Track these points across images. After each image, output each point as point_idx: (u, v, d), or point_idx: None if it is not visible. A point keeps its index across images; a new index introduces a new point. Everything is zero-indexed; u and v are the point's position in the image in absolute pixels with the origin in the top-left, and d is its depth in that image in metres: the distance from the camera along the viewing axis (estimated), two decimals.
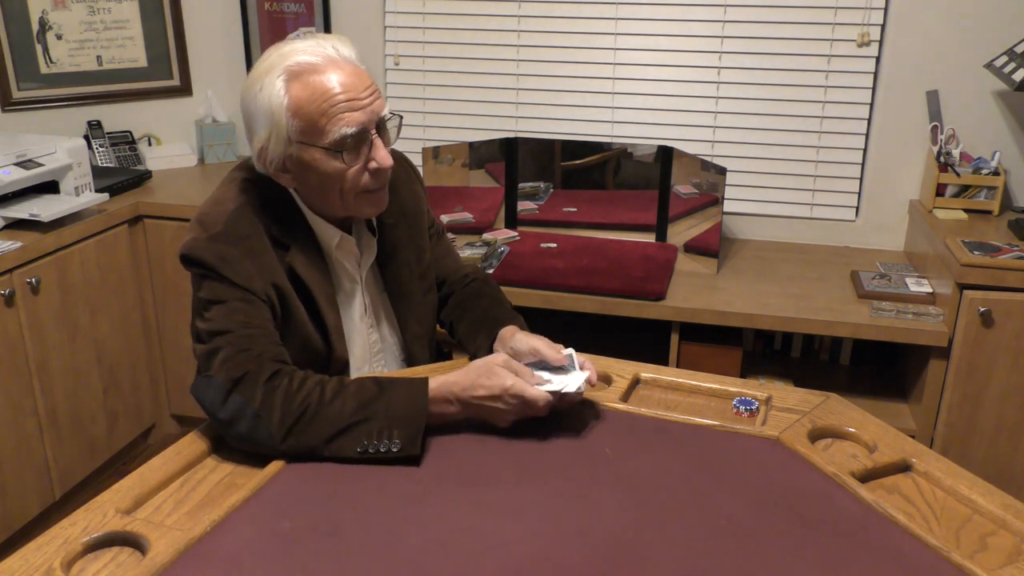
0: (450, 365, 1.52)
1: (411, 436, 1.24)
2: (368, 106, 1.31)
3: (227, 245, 1.31)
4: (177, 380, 2.82)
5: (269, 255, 1.35)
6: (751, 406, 1.41)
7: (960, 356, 2.13)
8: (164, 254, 2.67)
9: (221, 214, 1.34)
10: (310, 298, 1.40)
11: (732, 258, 2.60)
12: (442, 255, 1.66)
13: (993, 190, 2.44)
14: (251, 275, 1.32)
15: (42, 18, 2.76)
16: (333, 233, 1.42)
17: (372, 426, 1.23)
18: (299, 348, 1.39)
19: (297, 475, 1.23)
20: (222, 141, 3.06)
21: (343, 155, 1.31)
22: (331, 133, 1.29)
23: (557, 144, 2.73)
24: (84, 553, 1.07)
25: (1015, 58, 2.32)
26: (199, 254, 1.31)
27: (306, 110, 1.28)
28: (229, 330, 1.29)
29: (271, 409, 1.24)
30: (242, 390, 1.25)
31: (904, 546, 1.10)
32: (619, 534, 1.11)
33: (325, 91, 1.28)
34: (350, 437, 1.23)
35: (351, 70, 1.31)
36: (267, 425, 1.23)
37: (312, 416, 1.24)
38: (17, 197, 2.35)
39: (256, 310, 1.32)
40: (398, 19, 2.89)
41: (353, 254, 1.48)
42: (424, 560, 1.06)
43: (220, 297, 1.31)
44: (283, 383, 1.26)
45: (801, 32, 2.59)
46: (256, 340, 1.29)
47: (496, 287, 1.66)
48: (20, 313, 2.23)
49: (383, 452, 1.23)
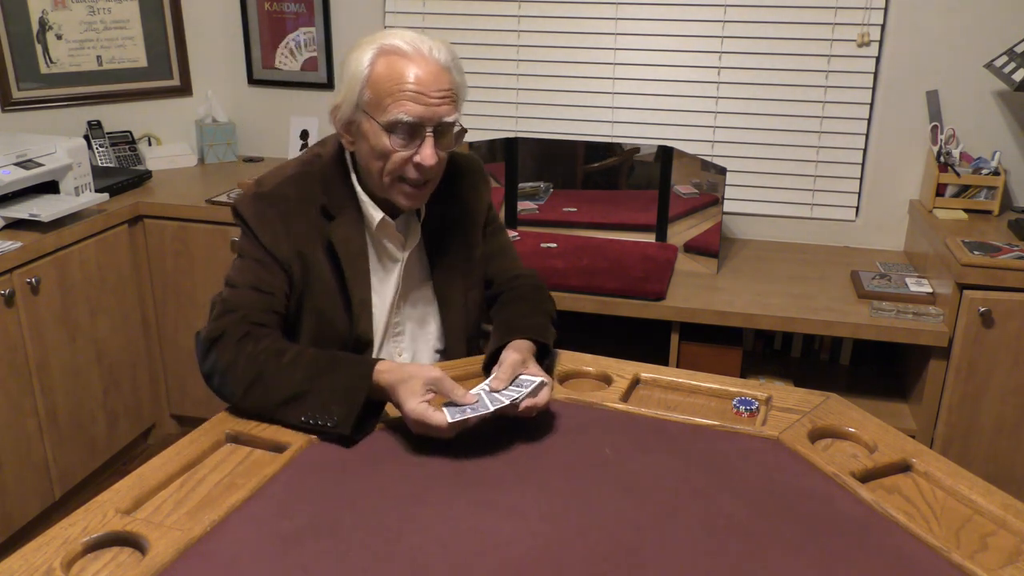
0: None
1: (345, 414, 1.28)
2: (433, 105, 1.37)
3: (267, 205, 1.44)
4: (177, 380, 2.82)
5: (309, 222, 1.45)
6: (751, 406, 1.41)
7: (960, 356, 2.13)
8: (164, 254, 2.67)
9: (277, 177, 1.48)
10: (340, 272, 1.48)
11: (732, 258, 2.60)
12: (494, 253, 1.68)
13: (993, 190, 2.44)
14: (279, 239, 1.43)
15: (42, 18, 2.76)
16: (376, 213, 1.49)
17: (315, 399, 1.30)
18: (317, 319, 1.48)
19: (297, 475, 1.23)
20: (222, 141, 3.06)
21: (391, 137, 1.38)
22: (389, 113, 1.37)
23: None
24: (84, 553, 1.07)
25: (1015, 58, 2.32)
26: (241, 208, 1.45)
27: (378, 86, 1.37)
28: (236, 284, 1.43)
29: (235, 368, 1.35)
30: (218, 348, 1.37)
31: (904, 546, 1.10)
32: (619, 534, 1.11)
33: (400, 76, 1.36)
34: (296, 406, 1.31)
35: (434, 70, 1.38)
36: (231, 383, 1.36)
37: (267, 381, 1.33)
38: (17, 197, 2.35)
39: (268, 274, 1.43)
40: (398, 19, 2.89)
41: (395, 237, 1.54)
42: (424, 560, 1.06)
43: (244, 251, 1.46)
44: (248, 346, 1.36)
45: (801, 32, 2.59)
46: (250, 302, 1.41)
47: (540, 293, 1.64)
48: (20, 313, 2.23)
49: (320, 425, 1.29)
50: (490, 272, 1.67)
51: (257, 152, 3.16)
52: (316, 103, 3.05)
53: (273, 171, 1.51)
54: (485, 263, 1.66)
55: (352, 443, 1.29)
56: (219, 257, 2.62)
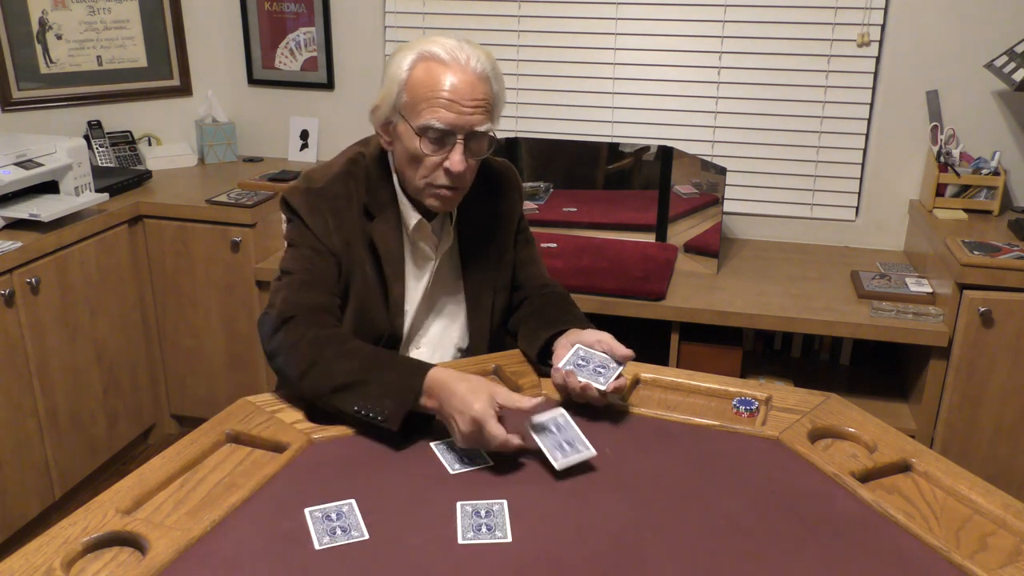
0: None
1: (395, 410, 1.29)
2: (465, 114, 1.41)
3: (318, 199, 1.49)
4: (177, 380, 2.82)
5: (353, 220, 1.51)
6: (751, 406, 1.41)
7: (960, 356, 2.13)
8: (164, 254, 2.67)
9: (325, 174, 1.53)
10: (379, 268, 1.53)
11: (732, 258, 2.60)
12: (525, 262, 1.72)
13: (993, 190, 2.44)
14: (329, 230, 1.48)
15: (42, 18, 2.76)
16: (414, 215, 1.54)
17: (370, 390, 1.32)
18: (357, 312, 1.52)
19: (297, 475, 1.23)
20: (222, 141, 3.06)
21: (422, 140, 1.43)
22: (422, 118, 1.41)
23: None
24: (84, 553, 1.07)
25: (1015, 58, 2.32)
26: (293, 200, 1.50)
27: (415, 91, 1.42)
28: (294, 272, 1.48)
29: (298, 351, 1.38)
30: (286, 329, 1.41)
31: (904, 546, 1.10)
32: (619, 534, 1.11)
33: (436, 83, 1.40)
34: (350, 394, 1.33)
35: (470, 80, 1.41)
36: (294, 363, 1.38)
37: (326, 365, 1.36)
38: (17, 197, 2.35)
39: (323, 261, 1.48)
40: (398, 19, 2.89)
41: (430, 239, 1.58)
42: (424, 560, 1.06)
43: (297, 241, 1.50)
44: (313, 331, 1.40)
45: (801, 32, 2.60)
46: (311, 287, 1.46)
47: (570, 300, 1.68)
48: (20, 313, 2.23)
49: (371, 417, 1.31)
50: (519, 279, 1.71)
51: (257, 152, 3.16)
52: (316, 103, 3.05)
53: (321, 167, 1.56)
54: (514, 270, 1.70)
55: (397, 439, 1.30)
56: (219, 257, 2.62)
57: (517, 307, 1.70)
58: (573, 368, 1.39)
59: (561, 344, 1.47)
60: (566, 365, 1.40)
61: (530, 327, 1.59)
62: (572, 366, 1.39)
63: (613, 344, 1.42)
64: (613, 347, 1.41)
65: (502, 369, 1.54)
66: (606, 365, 1.39)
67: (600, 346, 1.42)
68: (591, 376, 1.37)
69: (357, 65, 2.97)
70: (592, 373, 1.38)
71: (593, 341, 1.43)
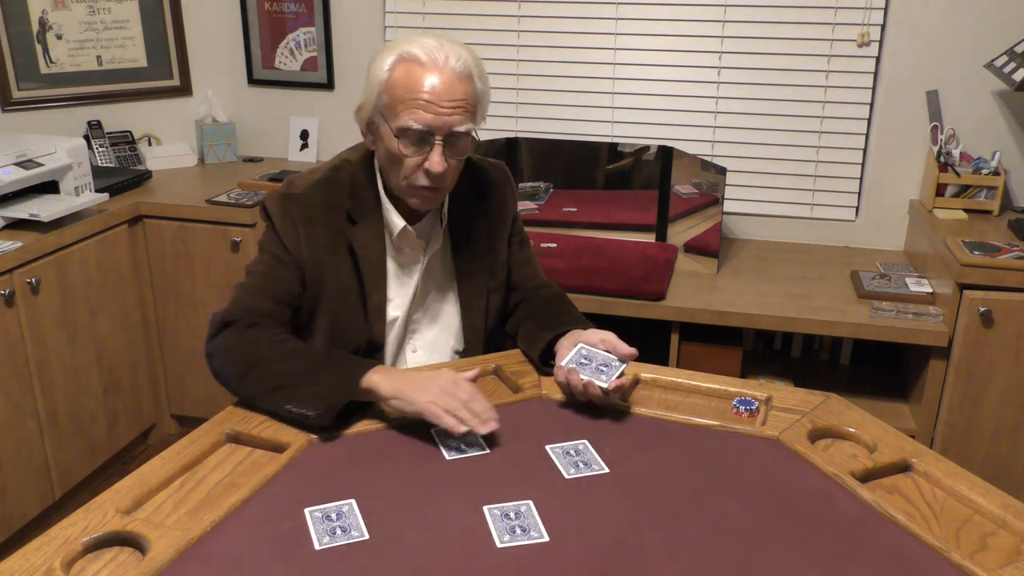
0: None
1: (326, 409, 1.31)
2: (443, 115, 1.40)
3: (293, 206, 1.50)
4: (177, 380, 2.82)
5: (330, 228, 1.50)
6: (751, 406, 1.41)
7: (960, 356, 2.13)
8: (164, 254, 2.67)
9: (307, 181, 1.53)
10: (359, 275, 1.53)
11: (732, 258, 2.60)
12: (520, 263, 1.72)
13: (993, 190, 2.44)
14: (298, 239, 1.49)
15: (42, 18, 2.76)
16: (398, 221, 1.53)
17: (302, 391, 1.34)
18: (332, 321, 1.52)
19: (297, 475, 1.23)
20: (222, 141, 3.06)
21: (401, 142, 1.43)
22: (400, 119, 1.41)
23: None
24: (84, 553, 1.07)
25: (1015, 58, 2.32)
26: (269, 205, 1.51)
27: (393, 92, 1.42)
28: (253, 275, 1.50)
29: (236, 351, 1.41)
30: (226, 333, 1.43)
31: (904, 546, 1.10)
32: (619, 534, 1.11)
33: (414, 85, 1.40)
34: (283, 394, 1.35)
35: (449, 80, 1.41)
36: (231, 365, 1.41)
37: (264, 367, 1.38)
38: (17, 197, 2.35)
39: (283, 270, 1.49)
40: (398, 19, 2.89)
41: (415, 244, 1.58)
42: (424, 560, 1.06)
43: (265, 245, 1.52)
44: (252, 333, 1.42)
45: (801, 32, 2.60)
46: (263, 294, 1.47)
47: (567, 299, 1.68)
48: (20, 313, 2.23)
49: (301, 416, 1.33)
50: (514, 280, 1.71)
51: (257, 152, 3.16)
52: (316, 103, 3.05)
53: (305, 173, 1.56)
54: (509, 271, 1.70)
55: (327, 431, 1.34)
56: (219, 257, 2.62)
57: (514, 308, 1.70)
58: (575, 366, 1.40)
59: (564, 344, 1.47)
60: (568, 363, 1.41)
61: (530, 328, 1.59)
62: (575, 364, 1.40)
63: (616, 343, 1.42)
64: (616, 346, 1.42)
65: (502, 369, 1.54)
66: (608, 363, 1.40)
67: (604, 345, 1.43)
68: (593, 374, 1.38)
69: (357, 65, 2.96)
70: (594, 371, 1.38)
71: (597, 340, 1.44)
